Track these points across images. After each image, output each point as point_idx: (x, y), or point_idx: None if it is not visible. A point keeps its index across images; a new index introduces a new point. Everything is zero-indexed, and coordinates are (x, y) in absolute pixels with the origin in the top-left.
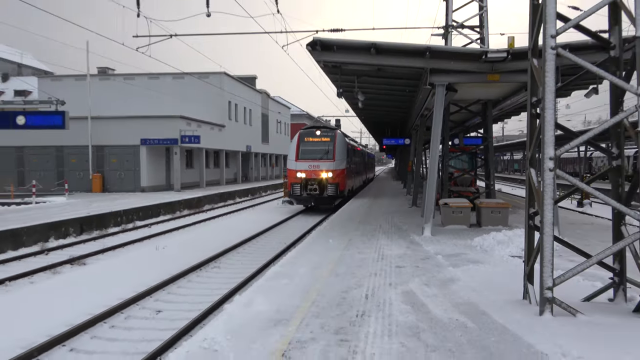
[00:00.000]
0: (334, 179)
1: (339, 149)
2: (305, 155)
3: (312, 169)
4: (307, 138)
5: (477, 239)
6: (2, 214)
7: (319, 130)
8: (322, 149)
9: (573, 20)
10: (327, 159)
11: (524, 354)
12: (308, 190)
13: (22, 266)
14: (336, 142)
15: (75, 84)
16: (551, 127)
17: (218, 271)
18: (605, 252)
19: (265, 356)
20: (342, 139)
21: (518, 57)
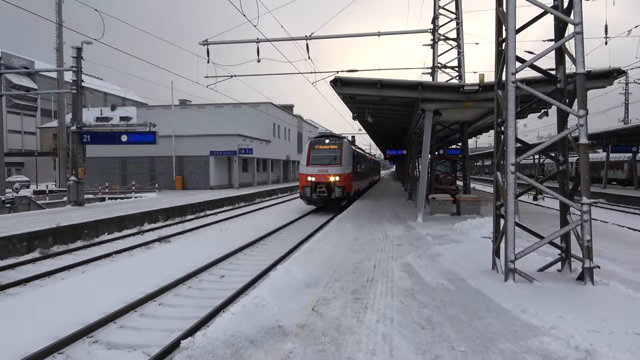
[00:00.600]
0: (340, 182)
1: (346, 155)
2: (315, 161)
3: (321, 173)
4: (317, 145)
5: (457, 224)
6: (111, 205)
7: (328, 139)
8: (331, 155)
9: (528, 62)
10: (334, 164)
11: (493, 310)
12: (317, 192)
13: (124, 243)
14: (343, 149)
15: (162, 111)
16: (512, 141)
17: (266, 247)
18: (554, 234)
19: (300, 309)
20: (348, 146)
21: (487, 89)
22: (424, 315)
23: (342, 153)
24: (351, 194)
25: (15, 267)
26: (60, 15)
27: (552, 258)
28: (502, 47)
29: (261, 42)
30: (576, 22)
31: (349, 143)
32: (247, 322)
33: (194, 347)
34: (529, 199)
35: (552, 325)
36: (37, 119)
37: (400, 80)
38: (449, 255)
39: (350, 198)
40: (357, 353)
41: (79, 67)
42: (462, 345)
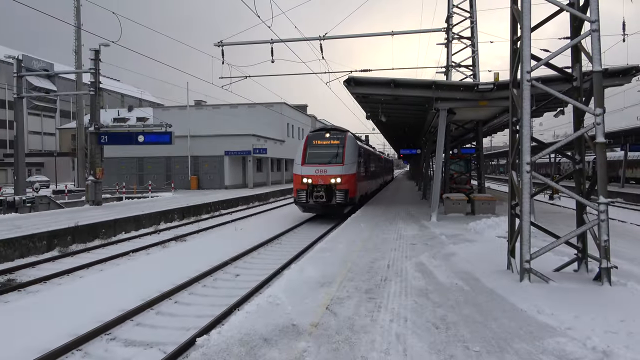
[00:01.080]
0: (342, 184)
1: (349, 152)
2: (312, 159)
3: (318, 174)
4: (315, 141)
5: (472, 224)
6: (128, 205)
7: (328, 133)
8: (331, 152)
9: (544, 60)
10: (335, 163)
11: (508, 310)
12: (314, 197)
13: (141, 242)
14: (346, 145)
15: (178, 112)
16: (528, 140)
17: (280, 246)
18: (571, 234)
19: (314, 308)
20: (352, 141)
21: (501, 87)
22: (438, 315)
23: (345, 150)
24: (356, 199)
25: (36, 265)
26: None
27: (569, 258)
28: (517, 46)
29: (275, 42)
30: (592, 20)
31: (353, 138)
32: (262, 321)
33: (209, 345)
34: (545, 198)
35: (569, 326)
36: (56, 120)
37: (414, 79)
38: (463, 254)
39: (354, 204)
40: (370, 352)
41: (97, 69)
42: (477, 345)
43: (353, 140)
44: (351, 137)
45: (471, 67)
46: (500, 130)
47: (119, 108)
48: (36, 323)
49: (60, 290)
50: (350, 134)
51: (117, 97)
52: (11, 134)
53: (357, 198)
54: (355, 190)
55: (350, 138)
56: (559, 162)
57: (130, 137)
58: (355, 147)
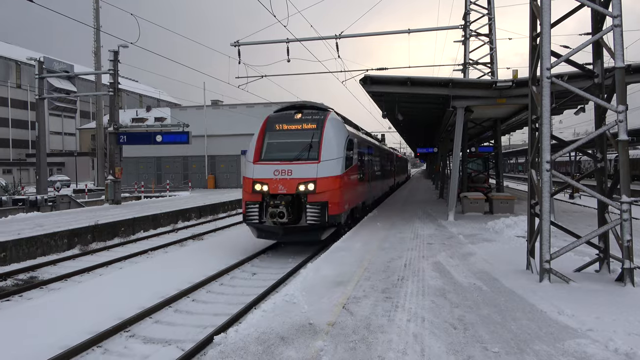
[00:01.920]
0: (318, 193)
1: (332, 142)
2: (272, 154)
3: (279, 176)
4: (278, 125)
5: (490, 223)
6: (147, 204)
7: (300, 113)
8: (301, 143)
9: (564, 56)
10: (307, 160)
11: (528, 311)
12: (271, 215)
13: (159, 241)
14: (326, 131)
15: (195, 112)
16: (548, 138)
17: (295, 245)
18: (592, 233)
19: (331, 307)
20: (337, 126)
21: (520, 85)
22: (456, 315)
23: (324, 138)
24: (342, 216)
25: (57, 263)
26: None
27: (590, 258)
28: (536, 42)
29: (291, 42)
30: (615, 15)
31: (340, 121)
32: (278, 319)
33: (226, 343)
34: (565, 197)
35: (590, 327)
36: (76, 121)
37: (430, 77)
38: (481, 254)
39: (339, 224)
40: (387, 352)
41: (116, 70)
42: (496, 346)
43: (339, 124)
44: (335, 120)
45: (489, 64)
46: (519, 128)
47: (138, 108)
48: (57, 320)
49: (81, 287)
50: (333, 115)
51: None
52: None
53: (344, 215)
54: (341, 201)
55: (333, 121)
56: (579, 160)
57: (148, 137)
58: (342, 134)
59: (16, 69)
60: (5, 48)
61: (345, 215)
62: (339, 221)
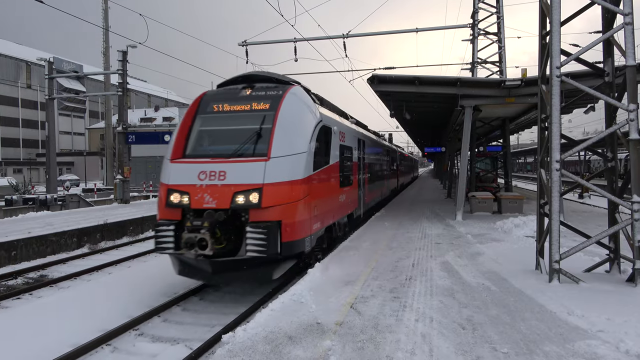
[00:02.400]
0: (266, 209)
1: (290, 128)
2: (201, 148)
3: (206, 181)
4: (217, 106)
5: (499, 223)
6: (156, 203)
7: (250, 87)
8: (245, 131)
9: (574, 55)
10: (250, 156)
11: (537, 312)
12: (186, 241)
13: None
14: (281, 113)
15: None
16: (557, 137)
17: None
18: (602, 233)
19: (338, 307)
20: (301, 106)
21: (529, 84)
22: (465, 316)
23: (278, 123)
24: (307, 243)
25: (67, 262)
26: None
27: (600, 258)
28: (545, 41)
29: (298, 41)
30: (626, 12)
31: (306, 100)
32: (286, 319)
33: (234, 342)
34: (574, 197)
35: (600, 328)
36: (85, 120)
37: (438, 76)
38: (490, 254)
39: (303, 254)
40: (396, 352)
41: (125, 70)
42: (505, 347)
43: (304, 104)
44: (299, 98)
45: (497, 63)
46: (527, 127)
47: (146, 108)
48: (67, 318)
49: (90, 286)
50: (297, 91)
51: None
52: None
53: (311, 239)
54: (304, 220)
55: (295, 99)
56: (588, 159)
57: (156, 136)
58: (308, 119)
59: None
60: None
61: (315, 240)
62: (301, 250)
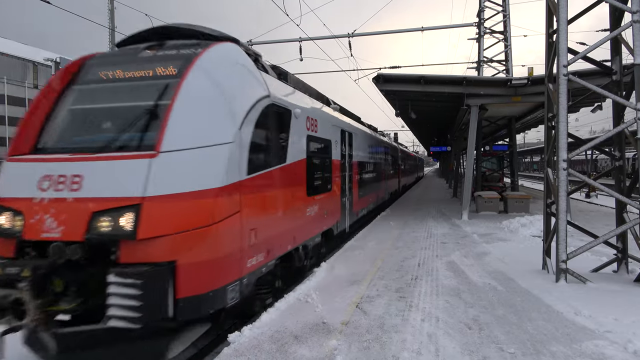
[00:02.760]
0: (148, 242)
1: (204, 104)
2: (66, 138)
3: (50, 193)
4: (103, 73)
5: (505, 222)
6: None
7: (156, 47)
8: (132, 109)
9: (581, 53)
10: (131, 149)
11: (544, 312)
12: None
13: None
14: (187, 81)
15: None
16: (564, 136)
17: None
18: (610, 233)
19: (344, 306)
20: (225, 70)
21: (536, 82)
22: (471, 316)
23: (180, 95)
24: (232, 292)
25: None
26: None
27: (607, 258)
28: (552, 39)
29: (304, 40)
30: (634, 10)
31: (239, 60)
32: (292, 318)
33: (240, 341)
34: (581, 196)
35: (608, 329)
36: None
37: (444, 75)
38: (496, 254)
39: (223, 311)
40: (402, 352)
41: None
42: (512, 347)
43: (230, 67)
44: (225, 58)
45: (504, 62)
46: (534, 126)
47: None
48: None
49: None
50: (225, 48)
51: None
52: None
53: (240, 285)
54: (226, 257)
55: (217, 57)
56: (595, 159)
57: None
58: (243, 90)
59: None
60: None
61: (252, 282)
62: (220, 305)
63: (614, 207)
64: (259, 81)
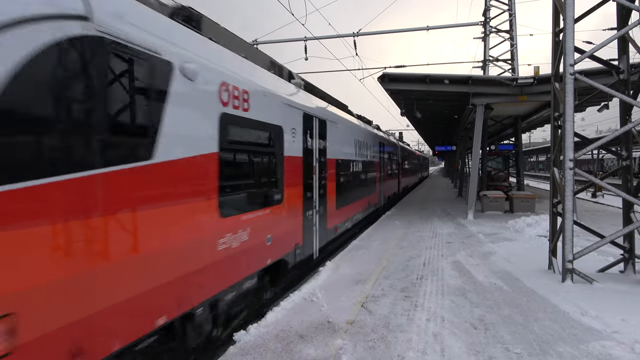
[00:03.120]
0: None
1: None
2: None
3: None
4: None
5: (511, 222)
6: None
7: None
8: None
9: (588, 52)
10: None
11: (550, 312)
12: None
13: None
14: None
15: None
16: (571, 135)
17: None
18: (617, 233)
19: (350, 306)
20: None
21: (542, 81)
22: (477, 315)
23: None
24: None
25: None
26: None
27: (614, 258)
28: (559, 38)
29: (309, 40)
30: None
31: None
32: (298, 317)
33: (246, 340)
34: (587, 196)
35: (615, 329)
36: None
37: (449, 74)
38: (502, 253)
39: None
40: (407, 351)
41: None
42: (518, 347)
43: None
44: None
45: (509, 61)
46: (540, 126)
47: None
48: None
49: None
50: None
51: None
52: None
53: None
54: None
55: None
56: (601, 158)
57: None
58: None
59: None
60: None
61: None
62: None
63: (620, 207)
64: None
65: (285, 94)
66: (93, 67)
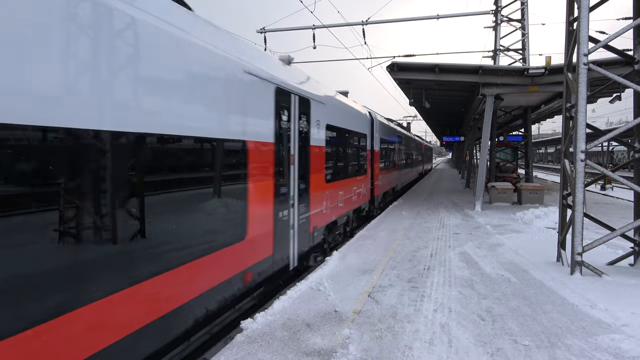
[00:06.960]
0: None
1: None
2: None
3: None
4: None
5: (519, 214)
6: None
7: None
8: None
9: (602, 42)
10: None
11: (558, 305)
12: None
13: None
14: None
15: None
16: (583, 127)
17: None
18: (627, 226)
19: (356, 295)
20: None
21: (553, 72)
22: (484, 307)
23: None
24: None
25: None
26: None
27: (624, 251)
28: (573, 27)
29: (317, 28)
30: None
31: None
32: (305, 306)
33: (253, 328)
34: (596, 188)
35: (625, 323)
36: None
37: (459, 64)
38: (510, 245)
39: None
40: (414, 342)
41: None
42: (526, 339)
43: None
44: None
45: (520, 51)
46: (549, 117)
47: None
48: None
49: None
50: None
51: None
52: None
53: None
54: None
55: None
56: (612, 150)
57: None
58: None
59: None
60: None
61: None
62: None
63: (630, 199)
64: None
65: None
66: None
